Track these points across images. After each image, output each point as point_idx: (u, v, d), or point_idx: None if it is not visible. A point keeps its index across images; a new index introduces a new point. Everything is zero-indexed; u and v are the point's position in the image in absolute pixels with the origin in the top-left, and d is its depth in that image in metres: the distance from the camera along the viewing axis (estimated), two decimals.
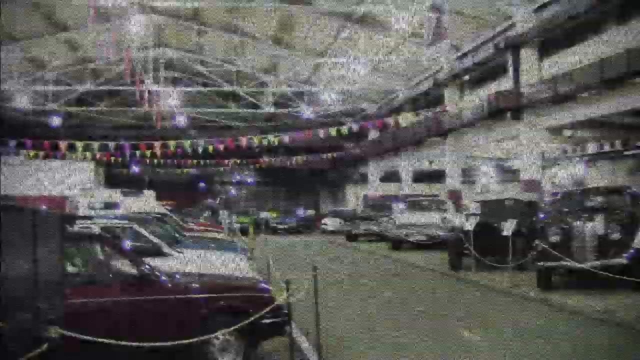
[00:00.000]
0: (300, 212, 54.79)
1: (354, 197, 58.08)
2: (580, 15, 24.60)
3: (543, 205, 20.46)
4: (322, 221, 48.28)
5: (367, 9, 32.44)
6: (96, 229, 10.42)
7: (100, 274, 8.32)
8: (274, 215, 51.79)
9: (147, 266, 8.33)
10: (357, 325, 11.44)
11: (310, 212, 57.07)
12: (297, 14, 36.07)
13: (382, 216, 34.12)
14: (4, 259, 4.33)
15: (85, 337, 6.27)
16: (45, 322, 5.12)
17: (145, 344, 7.14)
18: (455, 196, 34.08)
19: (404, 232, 27.60)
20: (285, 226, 48.48)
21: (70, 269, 7.89)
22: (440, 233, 25.53)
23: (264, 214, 51.35)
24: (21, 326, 4.62)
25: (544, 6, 27.60)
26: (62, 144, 32.84)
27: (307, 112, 47.90)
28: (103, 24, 34.19)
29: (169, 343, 7.36)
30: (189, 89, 48.55)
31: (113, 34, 35.99)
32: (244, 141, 33.50)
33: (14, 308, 4.53)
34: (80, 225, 10.37)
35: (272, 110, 48.03)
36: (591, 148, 34.71)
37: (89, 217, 13.49)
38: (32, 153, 36.20)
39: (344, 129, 32.39)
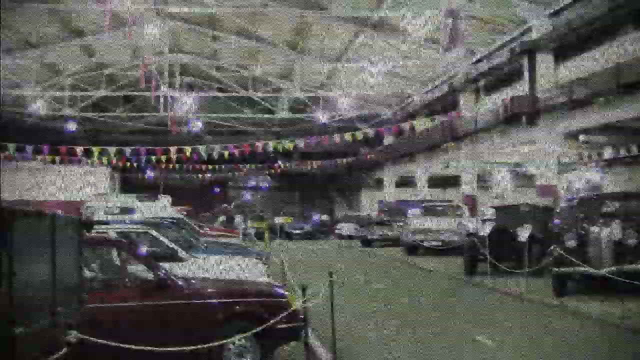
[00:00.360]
0: (315, 217, 54.75)
1: (368, 202, 58.02)
2: (596, 20, 24.49)
3: (559, 210, 20.38)
4: (337, 226, 48.25)
5: (382, 14, 32.44)
6: (113, 234, 10.50)
7: (117, 279, 8.37)
8: (289, 220, 51.76)
9: (163, 271, 8.38)
10: (373, 330, 11.44)
11: (325, 217, 57.07)
12: (312, 20, 36.10)
13: (397, 221, 34.11)
14: (24, 263, 4.37)
15: (103, 341, 6.31)
16: (64, 326, 5.17)
17: (161, 349, 7.18)
18: (470, 201, 33.98)
19: (419, 238, 27.57)
20: (300, 231, 48.39)
21: (87, 274, 7.94)
22: (456, 238, 25.48)
23: (278, 219, 51.35)
24: (40, 330, 4.66)
25: (559, 11, 27.50)
26: (78, 150, 33.02)
27: (322, 117, 47.91)
28: (119, 29, 34.33)
29: (185, 348, 7.39)
30: (204, 94, 48.70)
31: (129, 38, 36.17)
32: (259, 146, 33.54)
33: (33, 312, 4.57)
34: (97, 231, 10.44)
35: (287, 115, 48.08)
36: (607, 153, 34.52)
37: (106, 222, 13.57)
38: (48, 158, 36.43)
39: (359, 134, 32.38)
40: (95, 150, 32.91)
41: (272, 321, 8.08)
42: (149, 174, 56.58)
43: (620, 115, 24.08)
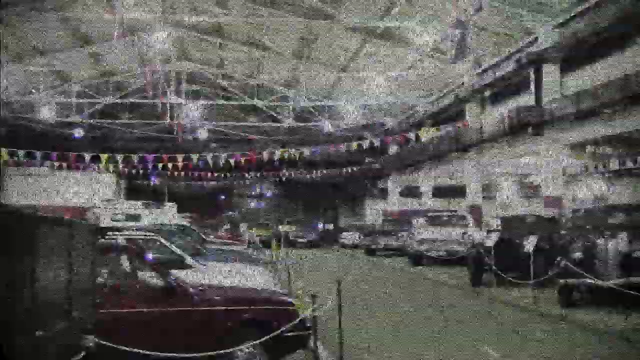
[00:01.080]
0: (320, 225, 54.70)
1: (373, 212, 58.00)
2: (603, 31, 24.53)
3: (565, 221, 20.41)
4: (342, 235, 48.19)
5: (389, 24, 32.51)
6: (122, 241, 10.55)
7: (127, 285, 8.42)
8: (293, 228, 51.68)
9: (172, 278, 8.43)
10: (379, 339, 11.47)
11: (329, 225, 57.00)
12: (319, 29, 36.19)
13: (401, 231, 34.06)
14: (44, 268, 4.44)
15: (117, 346, 6.38)
16: (81, 331, 5.23)
17: (169, 354, 7.23)
18: (475, 212, 33.95)
19: (424, 248, 27.52)
20: (305, 240, 48.32)
21: (98, 279, 7.99)
22: (461, 249, 25.45)
23: (283, 227, 51.30)
24: (59, 334, 4.72)
25: (566, 22, 27.55)
26: (86, 156, 33.14)
27: (327, 126, 47.94)
28: (127, 37, 34.50)
29: (193, 355, 7.45)
30: (210, 102, 48.81)
31: (137, 46, 36.38)
32: (264, 154, 33.60)
33: (52, 316, 4.64)
34: (107, 237, 10.50)
35: (292, 123, 48.14)
36: (613, 164, 34.51)
37: (117, 229, 13.60)
38: (56, 164, 36.56)
39: (365, 144, 32.39)
40: (103, 157, 32.96)
41: (279, 329, 8.13)
42: (154, 180, 56.68)
43: (626, 127, 24.09)
